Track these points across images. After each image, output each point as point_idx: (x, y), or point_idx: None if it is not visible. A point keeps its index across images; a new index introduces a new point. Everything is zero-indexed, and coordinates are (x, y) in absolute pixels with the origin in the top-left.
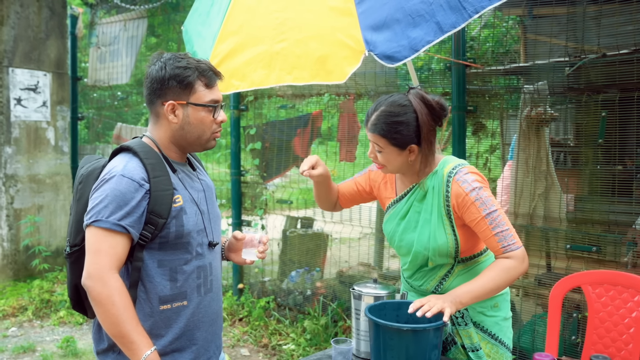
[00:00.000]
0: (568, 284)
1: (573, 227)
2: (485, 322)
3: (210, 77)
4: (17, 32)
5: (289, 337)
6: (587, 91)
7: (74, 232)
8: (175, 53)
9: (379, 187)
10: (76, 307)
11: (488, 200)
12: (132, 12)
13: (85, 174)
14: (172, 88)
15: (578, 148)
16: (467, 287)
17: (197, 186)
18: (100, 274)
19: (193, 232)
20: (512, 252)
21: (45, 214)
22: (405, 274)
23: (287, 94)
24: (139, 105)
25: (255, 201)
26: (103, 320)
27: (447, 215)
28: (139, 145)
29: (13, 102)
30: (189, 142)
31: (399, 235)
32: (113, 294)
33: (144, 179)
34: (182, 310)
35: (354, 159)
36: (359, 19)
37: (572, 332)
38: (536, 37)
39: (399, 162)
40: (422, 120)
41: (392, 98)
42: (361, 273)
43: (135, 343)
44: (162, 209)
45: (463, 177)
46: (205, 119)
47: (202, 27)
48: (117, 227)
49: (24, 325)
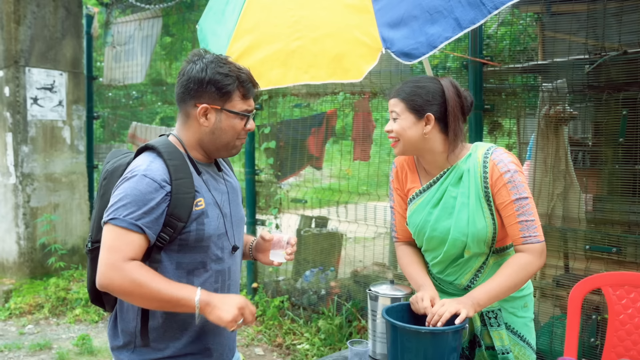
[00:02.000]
0: (588, 285)
1: (592, 227)
2: (516, 323)
3: (249, 88)
4: (33, 32)
5: (303, 336)
6: (607, 89)
7: (96, 228)
8: (218, 56)
9: (404, 180)
10: (95, 301)
11: (521, 185)
12: (147, 11)
13: (110, 170)
14: (210, 92)
15: (598, 147)
16: (485, 287)
17: (221, 188)
18: (114, 265)
19: (214, 236)
20: (532, 244)
21: (61, 212)
22: (435, 270)
23: (302, 92)
24: (153, 104)
25: (270, 200)
26: (141, 304)
27: (485, 197)
28: (164, 145)
29: (29, 101)
30: (216, 146)
31: (432, 224)
32: (134, 276)
33: (166, 180)
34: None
35: (368, 158)
36: (375, 16)
37: (591, 334)
38: (555, 34)
39: (413, 134)
40: (449, 96)
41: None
42: (376, 273)
43: (181, 299)
44: (182, 212)
45: (500, 156)
46: (236, 126)
47: (217, 25)
48: (134, 227)
49: (40, 322)
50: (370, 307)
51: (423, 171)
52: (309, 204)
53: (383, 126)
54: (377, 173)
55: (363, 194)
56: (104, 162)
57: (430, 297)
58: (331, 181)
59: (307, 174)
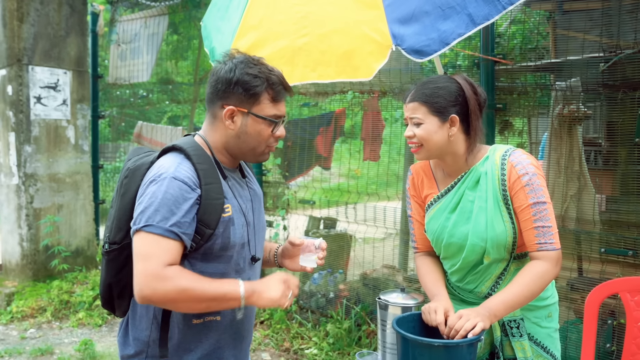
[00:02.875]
0: (605, 290)
1: (607, 229)
2: (539, 334)
3: (279, 91)
4: (36, 30)
5: (311, 341)
6: (622, 88)
7: (115, 228)
8: (250, 56)
9: (420, 187)
10: (106, 305)
11: (539, 189)
12: (153, 9)
13: (133, 168)
14: (237, 94)
15: (613, 147)
16: (501, 297)
17: (245, 195)
18: (155, 274)
19: (238, 245)
20: (547, 252)
21: (65, 213)
22: (455, 278)
23: (310, 91)
24: (160, 103)
25: (277, 201)
26: (186, 309)
27: (503, 201)
28: (191, 147)
29: (33, 100)
30: (242, 151)
31: (449, 230)
32: (178, 281)
33: (196, 184)
34: (215, 325)
35: (378, 158)
36: (385, 12)
37: (607, 339)
38: (567, 32)
39: (439, 138)
40: (468, 95)
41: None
42: (385, 276)
43: (227, 293)
44: (211, 218)
45: (518, 158)
46: (263, 132)
47: (221, 21)
48: (170, 234)
49: (42, 326)
50: (380, 317)
51: (440, 176)
52: (317, 204)
53: (392, 125)
54: (386, 173)
55: (372, 194)
56: (124, 160)
57: (444, 309)
58: (340, 180)
59: (315, 174)
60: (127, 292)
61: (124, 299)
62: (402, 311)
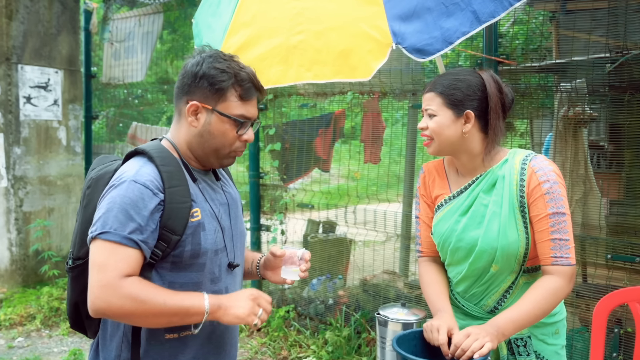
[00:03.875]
0: (614, 300)
1: (614, 235)
2: (546, 351)
3: (248, 89)
4: (26, 27)
5: (310, 349)
6: (629, 89)
7: (79, 242)
8: (220, 52)
9: (431, 186)
10: (75, 326)
11: (560, 199)
12: (147, 6)
13: (95, 178)
14: (202, 88)
15: (619, 150)
16: (510, 314)
17: (219, 198)
18: (110, 285)
19: (210, 251)
20: (562, 267)
21: (56, 217)
22: (460, 288)
23: (309, 92)
24: (158, 103)
25: (275, 204)
26: (145, 323)
27: (520, 208)
28: (156, 150)
29: (22, 100)
30: (205, 152)
31: (458, 234)
32: (134, 293)
33: (159, 188)
34: (191, 340)
35: (378, 161)
36: (385, 8)
37: (614, 348)
38: (574, 33)
39: (451, 133)
40: (490, 91)
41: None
42: (386, 282)
43: (190, 308)
44: (176, 224)
45: (540, 163)
46: (227, 133)
47: (212, 18)
48: (128, 242)
49: (31, 335)
50: (379, 333)
51: (454, 177)
52: (316, 208)
53: (392, 127)
54: (387, 174)
55: (372, 197)
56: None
57: (448, 328)
58: (340, 182)
59: (314, 177)
60: None
61: (92, 319)
62: (403, 328)
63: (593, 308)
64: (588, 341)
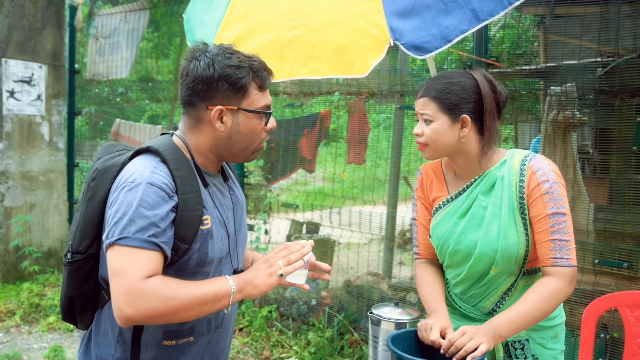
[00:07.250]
0: (603, 305)
1: (602, 240)
2: (544, 356)
3: (264, 77)
4: (11, 21)
5: (292, 349)
6: (620, 94)
7: (80, 236)
8: (223, 47)
9: (429, 188)
10: (67, 318)
11: (560, 199)
12: (133, 3)
13: (102, 169)
14: (222, 91)
15: (609, 155)
16: (507, 316)
17: (227, 203)
18: (135, 290)
19: (216, 260)
20: (562, 268)
21: (37, 212)
22: (458, 290)
23: (295, 91)
24: (140, 101)
25: (259, 204)
26: (178, 319)
27: (519, 209)
28: (168, 150)
29: (5, 94)
30: (232, 152)
31: (457, 236)
32: (161, 292)
33: (173, 191)
34: (187, 347)
35: (363, 162)
36: (383, 4)
37: (600, 354)
38: (565, 39)
39: (448, 139)
40: (484, 92)
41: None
42: (370, 283)
43: (218, 292)
44: (187, 232)
45: (539, 163)
46: (256, 127)
47: (205, 13)
48: (148, 245)
49: (11, 331)
50: (372, 333)
51: (451, 178)
52: (300, 208)
53: (376, 128)
54: (372, 177)
55: (357, 198)
56: (94, 157)
57: (441, 327)
58: (324, 183)
59: (298, 177)
60: (90, 306)
61: (86, 314)
62: (396, 327)
63: (579, 313)
64: (574, 346)
